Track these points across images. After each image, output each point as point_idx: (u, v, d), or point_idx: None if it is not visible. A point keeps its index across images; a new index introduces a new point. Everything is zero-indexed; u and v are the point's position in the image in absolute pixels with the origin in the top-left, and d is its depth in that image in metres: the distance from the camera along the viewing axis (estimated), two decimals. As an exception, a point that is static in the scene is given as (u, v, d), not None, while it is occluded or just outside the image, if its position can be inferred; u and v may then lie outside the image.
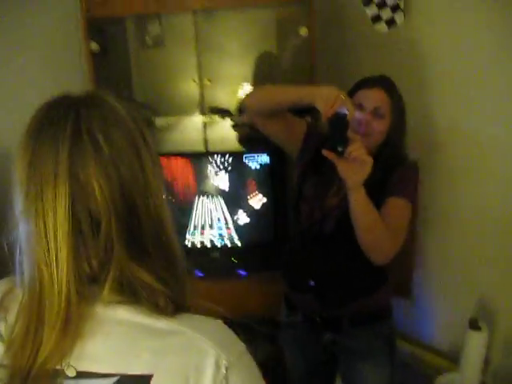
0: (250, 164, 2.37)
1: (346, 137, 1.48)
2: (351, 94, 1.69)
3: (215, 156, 2.37)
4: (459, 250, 2.21)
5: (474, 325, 2.06)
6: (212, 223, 2.45)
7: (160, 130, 2.40)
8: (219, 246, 2.47)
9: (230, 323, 2.26)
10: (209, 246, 2.48)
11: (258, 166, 2.35)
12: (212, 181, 2.41)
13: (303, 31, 2.08)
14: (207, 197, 2.43)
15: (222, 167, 2.39)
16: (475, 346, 2.08)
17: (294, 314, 1.88)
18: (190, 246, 2.47)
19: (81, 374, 0.72)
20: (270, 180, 2.33)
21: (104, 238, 0.71)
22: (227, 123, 2.41)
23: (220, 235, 2.46)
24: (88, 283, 0.72)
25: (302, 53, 2.16)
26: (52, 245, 0.70)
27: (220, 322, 0.80)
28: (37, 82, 2.30)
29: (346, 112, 1.48)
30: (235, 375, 0.73)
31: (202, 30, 2.30)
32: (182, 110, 2.38)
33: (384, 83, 1.71)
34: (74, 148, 0.70)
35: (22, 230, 0.73)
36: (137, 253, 0.74)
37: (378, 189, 1.61)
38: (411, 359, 2.33)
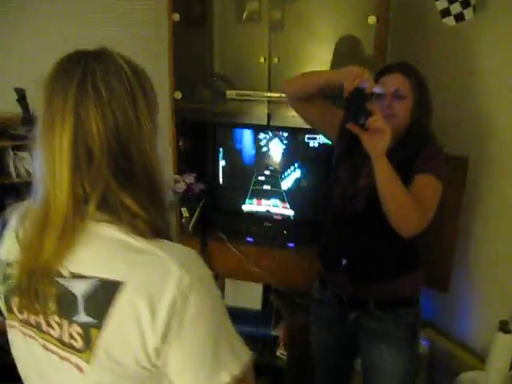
0: (311, 143, 2.47)
1: (366, 109, 1.58)
2: (375, 81, 1.76)
3: (277, 131, 2.49)
4: (504, 251, 2.20)
5: (504, 327, 2.07)
6: (269, 195, 2.59)
7: (229, 102, 2.55)
8: (273, 216, 2.61)
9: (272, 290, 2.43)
10: (263, 215, 2.62)
11: (317, 145, 2.45)
12: (272, 155, 2.54)
13: (372, 20, 2.12)
14: (266, 170, 2.57)
15: (282, 143, 2.51)
16: (503, 347, 2.09)
17: (325, 291, 1.99)
18: (245, 212, 2.64)
19: (72, 275, 0.90)
20: (325, 160, 2.42)
21: (96, 167, 0.88)
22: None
23: (275, 206, 2.60)
24: (82, 203, 0.89)
25: (370, 41, 2.20)
26: (57, 169, 0.88)
27: (191, 250, 0.94)
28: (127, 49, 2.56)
29: (366, 86, 1.60)
30: (195, 295, 0.87)
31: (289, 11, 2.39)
32: (252, 85, 2.51)
33: (402, 67, 1.81)
34: (79, 92, 0.87)
35: (37, 157, 0.91)
36: (124, 182, 0.90)
37: (406, 169, 1.69)
38: (440, 352, 2.37)
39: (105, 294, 0.87)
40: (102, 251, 0.90)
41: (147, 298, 0.85)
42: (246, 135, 2.60)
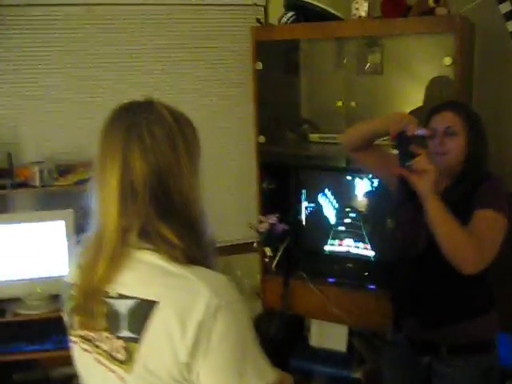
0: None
1: (410, 151, 1.62)
2: (426, 123, 1.80)
3: (358, 173, 2.53)
4: None
5: None
6: (351, 236, 2.61)
7: (313, 145, 2.65)
8: (354, 257, 2.62)
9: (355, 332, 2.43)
10: (345, 255, 2.64)
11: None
12: (354, 196, 2.57)
13: (447, 61, 2.13)
14: (349, 211, 2.60)
15: (365, 185, 2.54)
16: None
17: (398, 334, 1.96)
18: (327, 252, 2.67)
19: (118, 295, 1.02)
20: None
21: (139, 203, 1.01)
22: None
23: (357, 247, 2.61)
24: (127, 233, 1.02)
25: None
26: (107, 203, 1.02)
27: (223, 276, 1.03)
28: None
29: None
30: (223, 316, 0.95)
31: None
32: (334, 128, 2.60)
33: (452, 105, 1.82)
34: (127, 138, 1.01)
35: (93, 193, 1.06)
36: (163, 216, 1.02)
37: (464, 206, 1.68)
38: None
39: (143, 312, 0.99)
40: (142, 275, 1.03)
41: (179, 315, 0.95)
42: (329, 177, 2.66)
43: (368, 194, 2.54)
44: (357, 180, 2.55)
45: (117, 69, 2.80)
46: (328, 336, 3.04)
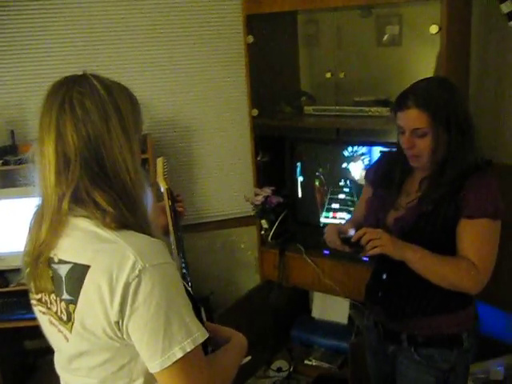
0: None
1: (355, 244, 1.62)
2: (394, 116, 1.67)
3: (350, 144, 2.52)
4: None
5: None
6: (344, 207, 2.62)
7: (307, 117, 2.65)
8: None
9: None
10: (339, 228, 2.65)
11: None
12: (347, 168, 2.57)
13: (433, 29, 2.09)
14: (342, 182, 2.60)
15: (352, 156, 2.54)
16: None
17: (369, 319, 1.90)
18: (322, 225, 2.69)
19: (59, 261, 1.10)
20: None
21: (72, 171, 1.06)
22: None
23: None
24: (63, 200, 1.08)
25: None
26: (46, 174, 1.08)
27: (157, 241, 1.09)
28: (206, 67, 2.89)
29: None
30: (147, 278, 1.02)
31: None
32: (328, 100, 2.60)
33: (416, 99, 1.58)
34: (59, 111, 1.07)
35: (36, 167, 1.12)
36: (98, 184, 1.07)
37: (450, 202, 1.60)
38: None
39: (78, 275, 1.06)
40: (77, 241, 1.09)
41: (108, 278, 1.02)
42: (322, 149, 2.66)
43: (363, 167, 2.53)
44: (350, 152, 2.54)
45: (116, 43, 2.81)
46: (330, 308, 3.08)
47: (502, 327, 2.36)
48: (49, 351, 1.26)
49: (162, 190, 1.66)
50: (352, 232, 1.69)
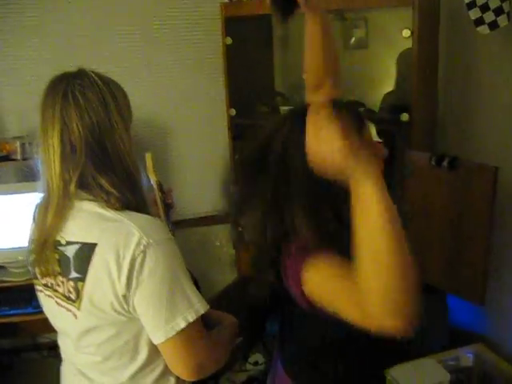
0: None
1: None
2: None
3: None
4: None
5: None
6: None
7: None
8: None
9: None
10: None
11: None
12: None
13: (406, 33, 2.19)
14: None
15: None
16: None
17: None
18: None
19: (66, 242, 1.16)
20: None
21: (78, 157, 1.14)
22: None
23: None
24: (69, 186, 1.15)
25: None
26: (51, 163, 1.15)
27: (155, 219, 1.18)
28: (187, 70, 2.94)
29: None
30: (152, 252, 1.10)
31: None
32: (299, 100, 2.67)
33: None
34: (63, 103, 1.14)
35: (39, 157, 1.18)
36: (100, 168, 1.16)
37: None
38: (492, 368, 2.29)
39: (86, 253, 1.13)
40: (84, 222, 1.17)
41: (115, 254, 1.10)
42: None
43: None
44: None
45: (94, 42, 2.82)
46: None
47: (471, 318, 2.48)
48: (25, 349, 1.31)
49: (152, 182, 1.71)
50: None
